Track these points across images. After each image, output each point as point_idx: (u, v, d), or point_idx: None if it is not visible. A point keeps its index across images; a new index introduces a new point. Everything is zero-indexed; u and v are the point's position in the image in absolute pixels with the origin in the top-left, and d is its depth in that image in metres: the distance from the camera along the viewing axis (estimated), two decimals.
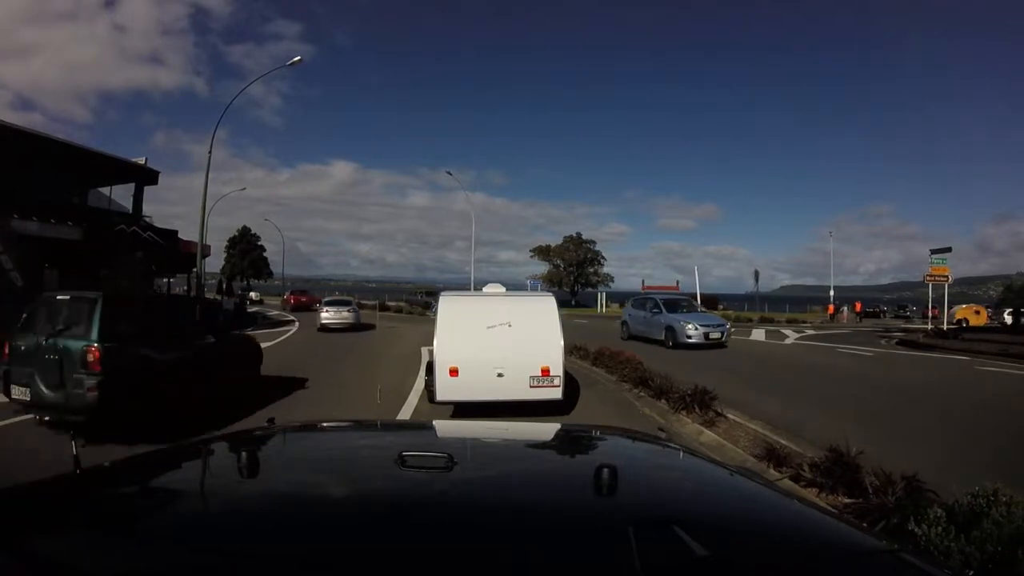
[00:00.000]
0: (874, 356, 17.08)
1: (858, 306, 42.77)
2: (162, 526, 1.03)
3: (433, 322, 7.88)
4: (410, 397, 8.80)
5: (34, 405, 6.05)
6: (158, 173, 23.73)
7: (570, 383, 8.84)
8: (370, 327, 22.95)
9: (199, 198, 20.33)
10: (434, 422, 2.37)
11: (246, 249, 72.91)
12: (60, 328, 6.02)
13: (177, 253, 22.18)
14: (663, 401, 8.00)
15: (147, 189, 23.58)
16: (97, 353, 5.78)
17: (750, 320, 36.97)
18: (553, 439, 1.95)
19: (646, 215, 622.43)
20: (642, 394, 8.69)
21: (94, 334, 5.88)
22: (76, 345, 5.86)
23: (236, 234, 73.85)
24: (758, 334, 25.04)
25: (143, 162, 24.21)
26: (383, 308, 36.33)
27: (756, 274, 41.36)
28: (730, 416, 7.23)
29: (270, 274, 74.21)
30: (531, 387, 7.30)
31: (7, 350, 6.32)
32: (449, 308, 7.80)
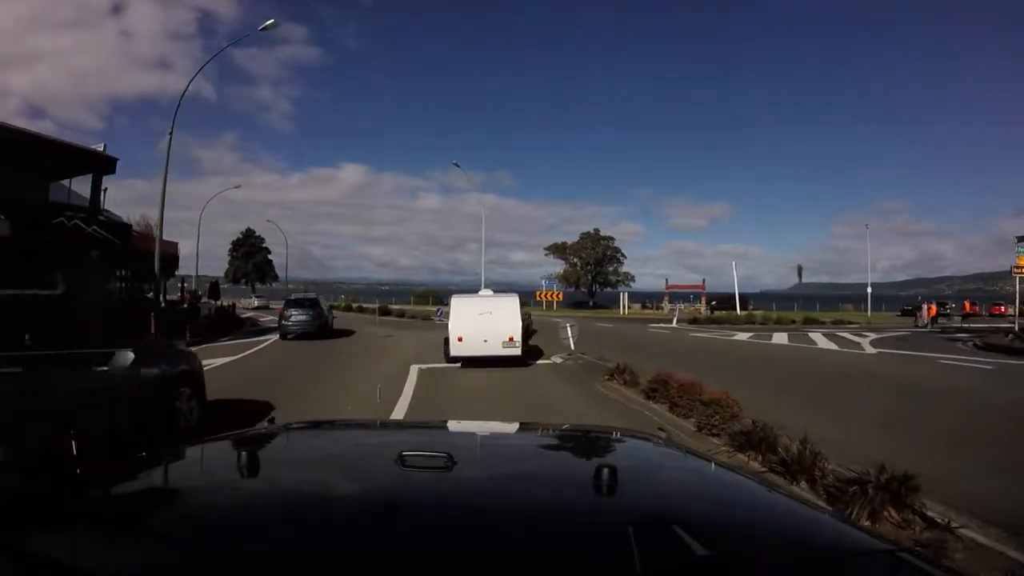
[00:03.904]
0: (996, 370, 13.28)
1: (967, 306, 38.44)
2: (162, 526, 1.01)
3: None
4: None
5: None
6: (116, 160, 20.60)
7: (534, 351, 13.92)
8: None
9: (210, 203, 17.36)
10: (434, 422, 2.38)
11: (250, 252, 70.34)
12: None
13: (134, 251, 19.03)
14: (805, 484, 4.43)
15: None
16: None
17: (792, 322, 33.04)
18: (553, 439, 1.94)
19: (658, 214, 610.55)
20: (753, 462, 5.09)
21: None
22: None
23: (240, 236, 71.26)
24: (823, 341, 21.00)
25: (102, 148, 21.22)
26: (384, 312, 33.04)
27: (799, 270, 37.11)
28: (943, 520, 3.68)
29: (275, 277, 71.48)
30: (503, 348, 12.03)
31: None
32: (457, 304, 12.86)
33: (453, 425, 2.61)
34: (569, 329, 13.29)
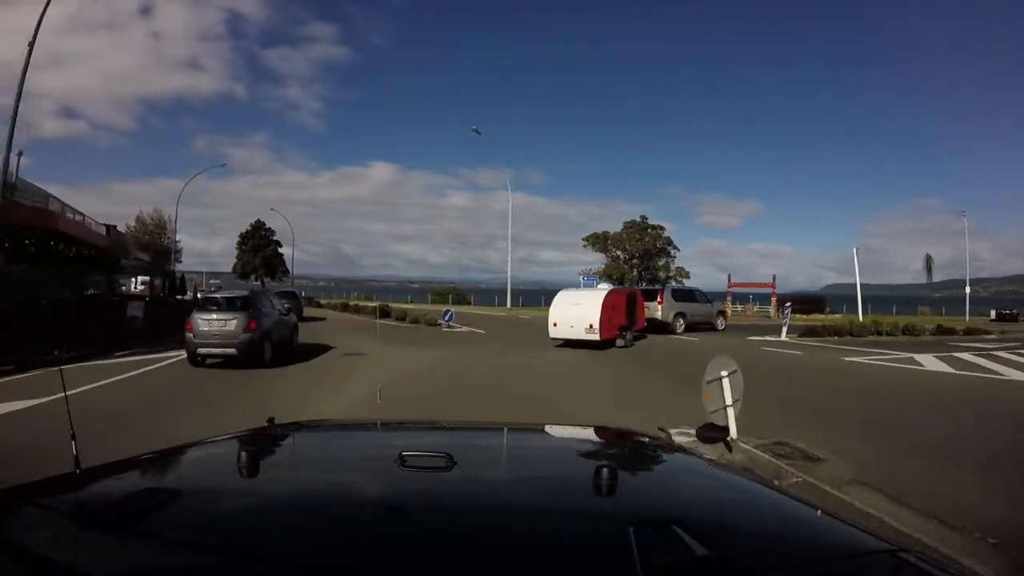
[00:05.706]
0: None
1: None
2: (162, 526, 1.01)
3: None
4: None
5: None
6: None
7: None
8: None
9: (239, 202, 13.61)
10: (434, 422, 2.31)
11: (258, 246, 64.71)
12: None
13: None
14: None
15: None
16: None
17: (926, 331, 24.45)
18: (553, 439, 1.95)
19: (689, 212, 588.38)
20: None
21: None
22: None
23: (248, 229, 65.68)
24: None
25: None
26: (384, 314, 26.04)
27: (928, 260, 27.90)
28: None
29: (285, 272, 65.69)
30: (585, 333, 15.82)
31: None
32: (559, 297, 17.47)
33: (454, 425, 2.57)
34: (726, 386, 5.24)
